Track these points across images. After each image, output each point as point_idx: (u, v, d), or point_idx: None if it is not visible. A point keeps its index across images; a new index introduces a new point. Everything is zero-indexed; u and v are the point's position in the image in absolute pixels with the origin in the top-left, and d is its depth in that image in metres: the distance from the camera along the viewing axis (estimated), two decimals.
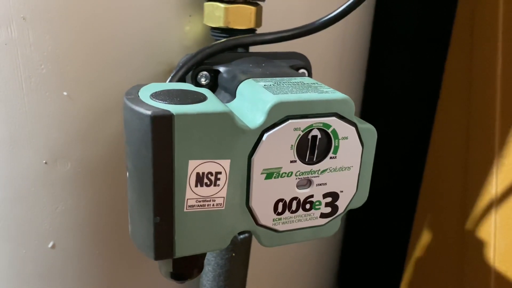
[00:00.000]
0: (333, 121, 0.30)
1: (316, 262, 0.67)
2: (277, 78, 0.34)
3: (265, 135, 0.29)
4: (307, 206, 0.32)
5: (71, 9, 0.38)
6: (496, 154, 0.57)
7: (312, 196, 0.32)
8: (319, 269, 0.69)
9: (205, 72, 0.37)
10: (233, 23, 0.39)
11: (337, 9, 0.37)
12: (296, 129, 0.30)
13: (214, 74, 0.38)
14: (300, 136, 0.30)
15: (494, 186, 0.57)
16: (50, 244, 0.46)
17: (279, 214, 0.32)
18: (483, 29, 0.60)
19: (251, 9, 0.39)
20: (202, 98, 0.29)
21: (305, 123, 0.30)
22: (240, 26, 0.39)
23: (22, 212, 0.44)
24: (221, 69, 0.37)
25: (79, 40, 0.39)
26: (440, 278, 0.68)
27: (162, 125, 0.26)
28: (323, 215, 0.33)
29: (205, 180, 0.29)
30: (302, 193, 0.32)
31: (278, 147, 0.30)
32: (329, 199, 0.33)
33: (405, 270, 0.77)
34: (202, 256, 0.34)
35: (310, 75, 0.41)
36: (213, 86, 0.38)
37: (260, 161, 0.30)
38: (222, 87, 0.37)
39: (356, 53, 0.59)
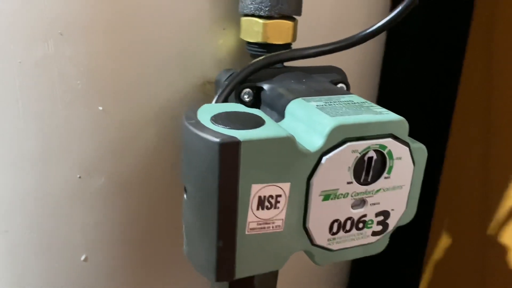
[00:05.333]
0: (388, 142, 0.31)
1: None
2: (326, 97, 0.34)
3: (324, 158, 0.29)
4: (360, 225, 0.33)
5: (106, 25, 0.38)
6: None
7: (365, 215, 0.32)
8: (332, 268, 0.69)
9: (248, 89, 0.37)
10: (271, 38, 0.39)
11: (379, 22, 0.37)
12: (354, 151, 0.30)
13: (257, 91, 0.38)
14: (357, 158, 0.30)
15: None
16: (83, 257, 0.46)
17: (333, 234, 0.32)
18: (505, 28, 0.59)
19: (289, 24, 0.39)
20: (261, 122, 0.29)
21: (362, 145, 0.30)
22: (278, 41, 0.39)
23: (55, 226, 0.44)
24: (264, 86, 0.37)
25: (114, 54, 0.39)
26: (460, 282, 0.68)
27: (229, 151, 0.26)
28: (374, 233, 0.33)
29: (266, 203, 0.29)
30: (356, 213, 0.32)
31: (336, 169, 0.30)
32: (380, 218, 0.33)
33: (423, 273, 0.77)
34: (255, 275, 0.34)
35: (348, 89, 0.41)
36: (255, 103, 0.38)
37: (319, 183, 0.30)
38: (267, 105, 0.37)
39: (373, 54, 0.58)
